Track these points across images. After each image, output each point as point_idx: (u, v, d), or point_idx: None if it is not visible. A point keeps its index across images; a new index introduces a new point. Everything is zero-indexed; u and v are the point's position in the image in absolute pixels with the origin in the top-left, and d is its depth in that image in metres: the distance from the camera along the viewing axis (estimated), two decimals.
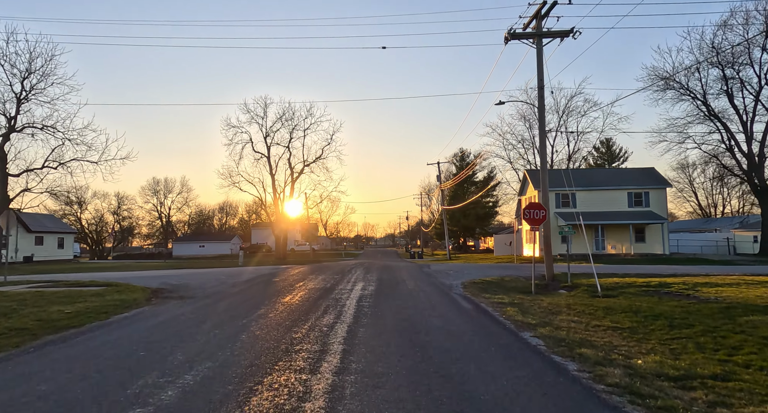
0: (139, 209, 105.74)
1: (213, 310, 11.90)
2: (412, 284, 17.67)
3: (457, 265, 31.80)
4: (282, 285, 17.37)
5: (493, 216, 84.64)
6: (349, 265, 31.17)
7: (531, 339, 8.34)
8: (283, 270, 26.47)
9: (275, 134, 56.32)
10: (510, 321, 10.28)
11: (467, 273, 23.04)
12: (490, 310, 11.90)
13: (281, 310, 11.50)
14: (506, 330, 9.31)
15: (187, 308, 12.37)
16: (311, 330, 8.88)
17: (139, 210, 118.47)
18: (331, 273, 22.71)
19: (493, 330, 9.24)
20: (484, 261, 40.81)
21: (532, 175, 43.30)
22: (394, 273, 22.62)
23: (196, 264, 37.67)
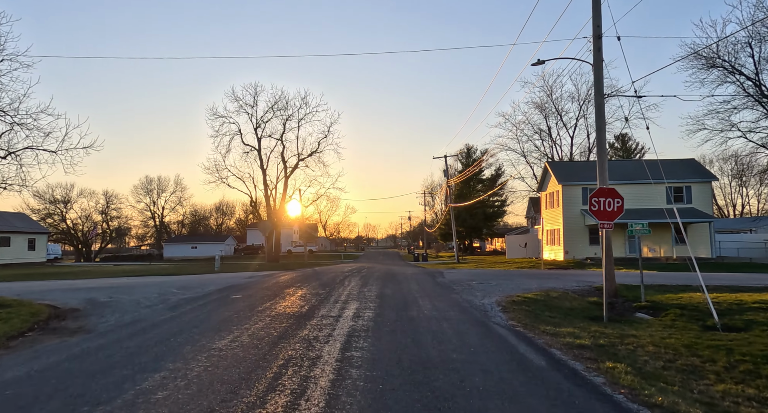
0: (131, 209, 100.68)
1: (88, 365, 6.53)
2: (427, 305, 12.24)
3: (472, 272, 26.37)
4: (240, 307, 11.95)
5: (500, 215, 79.25)
6: (345, 271, 25.77)
7: None
8: (262, 278, 21.11)
9: (266, 125, 50.96)
10: (644, 409, 4.91)
11: (494, 284, 17.61)
12: (577, 367, 6.53)
13: (200, 372, 6.11)
14: None
15: (58, 356, 7.10)
16: None
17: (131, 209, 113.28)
18: (319, 285, 17.29)
19: None
20: (501, 265, 35.34)
21: (555, 168, 37.82)
22: (400, 285, 17.20)
23: (169, 270, 32.30)
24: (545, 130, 47.49)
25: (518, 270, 27.25)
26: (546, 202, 39.36)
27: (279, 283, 18.01)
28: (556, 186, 36.76)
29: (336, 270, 27.92)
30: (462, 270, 27.59)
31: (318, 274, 22.98)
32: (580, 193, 35.68)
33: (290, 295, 14.04)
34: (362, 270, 27.29)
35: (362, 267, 32.28)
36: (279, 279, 19.82)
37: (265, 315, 10.53)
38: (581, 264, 32.17)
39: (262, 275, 22.81)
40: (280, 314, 10.71)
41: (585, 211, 35.13)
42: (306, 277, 20.97)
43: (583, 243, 35.45)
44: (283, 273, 24.28)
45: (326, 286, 16.57)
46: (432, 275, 22.06)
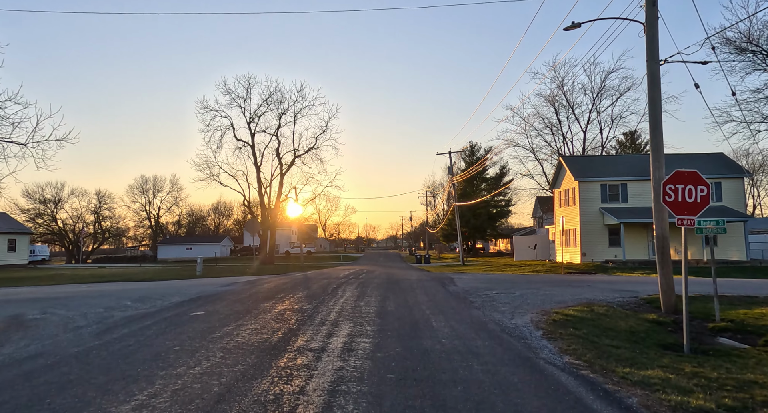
0: (126, 209, 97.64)
1: None
2: (444, 329, 9.12)
3: (485, 277, 23.28)
4: (191, 332, 8.84)
5: (505, 216, 76.17)
6: (342, 276, 22.66)
7: None
8: (243, 286, 18.03)
9: (260, 119, 47.96)
10: None
11: (518, 293, 14.49)
12: None
13: None
14: None
15: None
16: None
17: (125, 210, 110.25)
18: (306, 296, 14.19)
19: None
20: (512, 269, 32.22)
21: (570, 163, 34.70)
22: (405, 296, 14.08)
23: (148, 274, 29.22)
24: (556, 124, 44.40)
25: (536, 276, 24.13)
26: (560, 200, 36.27)
27: (259, 293, 14.90)
28: (571, 182, 33.67)
29: (332, 275, 24.82)
30: (473, 275, 24.49)
31: (309, 280, 19.89)
32: (599, 190, 32.58)
33: (265, 312, 10.93)
34: (360, 274, 24.21)
35: (361, 270, 29.18)
36: (262, 287, 16.72)
37: (219, 348, 7.42)
38: (603, 267, 29.05)
39: (246, 281, 19.71)
40: (240, 345, 7.60)
41: (604, 210, 32.04)
42: (295, 284, 17.87)
43: (602, 245, 32.33)
44: (271, 279, 21.19)
45: (315, 298, 13.46)
46: (441, 281, 18.97)
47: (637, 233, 31.70)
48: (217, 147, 50.10)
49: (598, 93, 42.70)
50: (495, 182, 74.72)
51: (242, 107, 46.20)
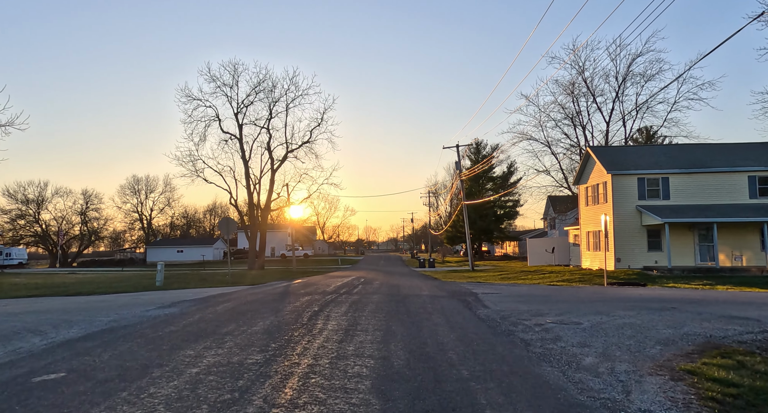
0: (117, 210, 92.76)
1: None
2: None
3: (512, 289, 18.33)
4: (78, 401, 3.83)
5: (512, 217, 71.24)
6: (331, 289, 17.67)
7: None
8: (192, 306, 13.09)
9: (249, 110, 43.11)
10: None
11: (588, 325, 9.49)
12: None
13: None
14: None
15: None
16: None
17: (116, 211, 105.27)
18: (268, 330, 9.15)
19: None
20: (534, 277, 27.24)
21: (601, 154, 29.70)
22: (419, 331, 9.05)
23: (107, 283, 24.31)
24: (576, 114, 39.43)
25: (577, 289, 19.14)
26: (587, 197, 31.30)
27: (200, 323, 9.90)
28: (602, 176, 28.72)
29: (321, 286, 19.86)
30: (495, 287, 19.50)
31: (288, 297, 14.91)
32: (635, 185, 27.61)
33: (168, 378, 5.92)
34: (356, 285, 19.24)
35: (358, 279, 24.22)
36: (213, 310, 11.71)
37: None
38: (648, 277, 24.05)
39: (203, 298, 14.70)
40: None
41: (642, 208, 27.09)
42: (264, 303, 12.87)
43: (640, 249, 27.34)
44: (240, 293, 16.22)
45: (278, 334, 8.46)
46: (461, 298, 13.99)
47: (680, 235, 26.74)
48: (200, 140, 45.21)
49: (623, 80, 37.84)
50: (502, 181, 69.80)
51: (228, 96, 41.37)
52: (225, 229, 22.39)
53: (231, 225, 22.53)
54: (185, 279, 24.99)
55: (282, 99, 42.77)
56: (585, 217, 31.70)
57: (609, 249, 28.14)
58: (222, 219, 22.76)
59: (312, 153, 43.83)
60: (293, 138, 44.56)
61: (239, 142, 42.06)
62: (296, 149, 43.69)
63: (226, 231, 22.35)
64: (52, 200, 72.11)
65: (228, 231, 22.40)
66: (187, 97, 40.11)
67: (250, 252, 43.38)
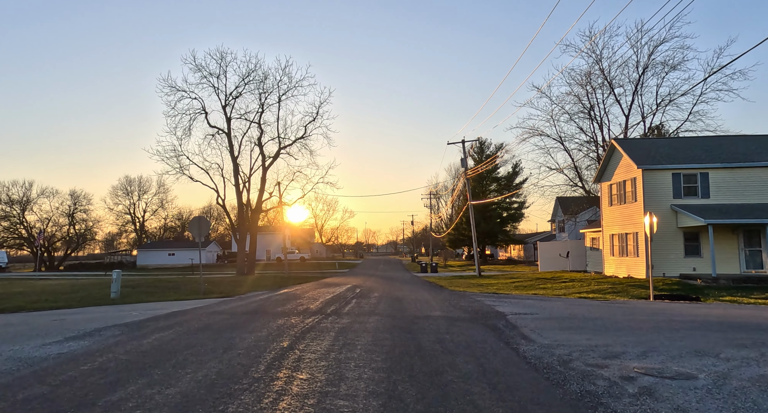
0: (108, 211, 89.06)
1: None
2: None
3: (547, 306, 14.64)
4: None
5: (517, 219, 67.60)
6: (316, 308, 13.95)
7: None
8: (135, 329, 9.44)
9: (238, 102, 39.59)
10: None
11: (716, 386, 5.81)
12: None
13: None
14: None
15: None
16: None
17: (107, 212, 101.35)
18: (208, 386, 5.53)
19: None
20: (558, 287, 23.57)
21: (628, 147, 26.03)
22: (442, 393, 5.40)
23: (61, 292, 20.59)
24: (593, 105, 35.77)
25: (621, 304, 15.41)
26: (611, 195, 27.65)
27: (74, 384, 6.19)
28: (630, 171, 25.09)
29: (307, 298, 16.17)
30: (519, 301, 15.79)
31: (256, 319, 11.21)
32: (669, 181, 23.97)
33: None
34: (349, 299, 15.57)
35: (353, 289, 20.54)
36: (133, 348, 7.92)
37: None
38: (690, 287, 20.39)
39: (142, 321, 10.92)
40: None
41: (678, 207, 23.45)
42: (214, 335, 9.07)
43: (675, 254, 23.67)
44: (197, 313, 12.50)
45: (200, 410, 4.83)
46: (488, 323, 10.26)
47: (722, 239, 23.09)
48: (184, 134, 41.48)
49: (644, 69, 34.26)
50: (507, 182, 66.25)
51: (215, 87, 37.74)
52: (196, 230, 18.72)
53: (203, 226, 18.86)
54: (153, 289, 21.31)
55: (274, 91, 39.26)
56: (608, 218, 28.03)
57: (639, 254, 24.49)
58: (193, 219, 19.07)
59: (306, 149, 40.27)
60: (286, 133, 40.94)
61: (227, 137, 38.48)
62: (289, 145, 40.14)
63: (198, 233, 18.68)
64: (38, 201, 68.38)
65: (200, 233, 18.72)
66: (170, 87, 36.55)
67: (239, 256, 39.69)
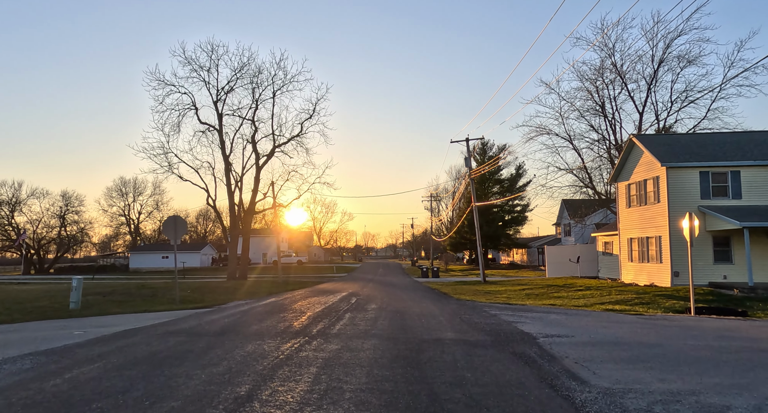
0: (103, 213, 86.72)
1: None
2: None
3: (572, 320, 12.30)
4: None
5: (520, 223, 65.22)
6: (303, 324, 11.63)
7: None
8: (56, 360, 7.14)
9: (230, 97, 37.34)
10: None
11: None
12: None
13: None
14: None
15: None
16: None
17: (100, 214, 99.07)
18: None
19: None
20: (575, 295, 21.24)
21: (650, 143, 23.74)
22: None
23: (5, 307, 18.22)
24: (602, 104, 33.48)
25: (668, 322, 13.02)
26: (629, 196, 25.37)
27: None
28: (652, 170, 22.82)
29: (292, 312, 13.84)
30: (541, 315, 13.43)
31: (222, 343, 8.90)
32: (697, 180, 21.69)
33: None
34: (342, 313, 13.23)
35: (348, 299, 18.20)
36: (23, 399, 5.69)
37: None
38: (726, 297, 18.05)
39: (73, 346, 8.53)
40: None
41: (707, 209, 21.16)
42: (154, 370, 6.75)
43: (703, 260, 21.35)
44: (156, 331, 10.19)
45: None
46: (517, 352, 7.87)
47: (758, 244, 20.82)
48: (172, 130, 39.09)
49: (659, 64, 32.04)
50: (510, 184, 63.93)
51: (206, 81, 35.47)
52: (171, 231, 16.40)
53: (180, 227, 16.54)
54: (126, 297, 18.96)
55: (268, 86, 36.96)
56: (626, 221, 25.74)
57: (663, 260, 22.19)
58: (167, 219, 16.72)
59: (302, 147, 37.96)
60: (281, 130, 38.69)
61: (219, 134, 36.19)
62: (285, 143, 37.87)
63: (173, 234, 16.38)
64: (28, 202, 66.00)
65: (176, 235, 16.42)
66: (158, 81, 34.26)
67: (230, 260, 37.35)
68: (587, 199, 40.18)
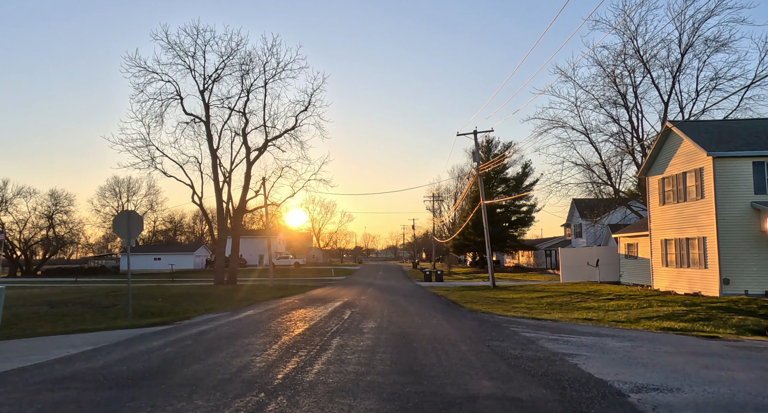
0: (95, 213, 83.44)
1: None
2: None
3: (640, 349, 9.03)
4: None
5: (527, 223, 61.89)
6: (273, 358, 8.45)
7: None
8: None
9: (217, 86, 34.19)
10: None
11: None
12: None
13: None
14: None
15: None
16: None
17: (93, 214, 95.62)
18: None
19: None
20: (608, 307, 17.94)
21: (691, 130, 20.45)
22: None
23: None
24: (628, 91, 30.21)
25: (749, 347, 9.81)
26: (663, 192, 22.11)
27: None
28: (693, 161, 19.58)
29: (270, 332, 10.58)
30: (607, 343, 10.13)
31: (139, 393, 5.73)
32: (750, 171, 18.41)
33: None
34: (330, 336, 9.93)
35: (341, 312, 14.92)
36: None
37: None
38: None
39: None
40: None
41: (761, 204, 17.91)
42: None
43: (759, 265, 18.06)
44: (42, 374, 6.99)
45: None
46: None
47: None
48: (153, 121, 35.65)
49: (687, 48, 28.82)
50: (516, 184, 60.66)
51: (191, 68, 32.20)
52: (124, 229, 13.13)
53: (135, 224, 13.30)
54: (74, 309, 15.70)
55: (259, 75, 33.74)
56: (659, 220, 22.48)
57: (709, 265, 18.90)
58: (119, 214, 13.40)
59: (296, 141, 34.72)
60: (273, 122, 35.49)
61: (206, 126, 32.96)
62: (278, 137, 34.64)
63: (126, 233, 13.15)
64: (14, 201, 62.75)
65: (129, 233, 13.20)
66: (138, 67, 31.01)
67: (217, 263, 34.06)
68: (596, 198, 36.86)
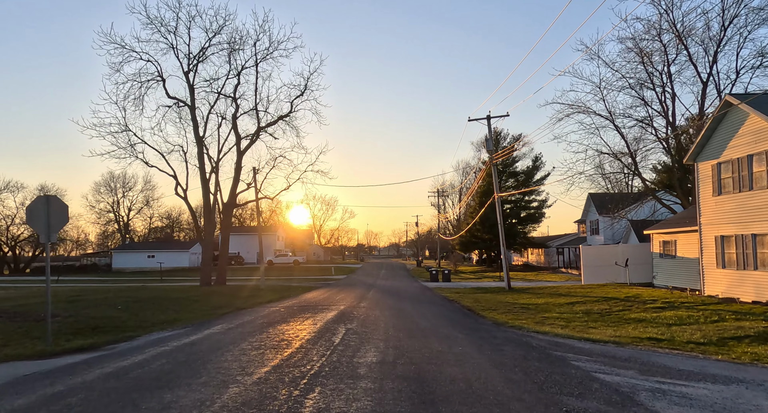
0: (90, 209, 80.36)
1: None
2: None
3: None
4: None
5: (538, 220, 58.33)
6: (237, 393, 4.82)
7: None
8: None
9: (203, 66, 31.15)
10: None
11: None
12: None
13: None
14: None
15: None
16: None
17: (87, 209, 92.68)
18: None
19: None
20: (669, 319, 14.41)
21: (757, 104, 16.98)
22: None
23: None
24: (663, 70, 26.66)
25: None
26: (718, 180, 18.55)
27: None
28: (761, 141, 16.08)
29: (223, 371, 7.19)
30: (727, 402, 6.77)
31: None
32: None
33: None
34: (307, 375, 6.56)
35: (335, 326, 11.44)
36: None
37: None
38: None
39: None
40: None
41: None
42: None
43: None
44: None
45: None
46: None
47: None
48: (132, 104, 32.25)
49: (730, 20, 25.27)
50: (525, 178, 57.16)
51: (174, 46, 28.76)
52: (41, 221, 9.75)
53: (55, 213, 9.92)
54: (11, 321, 12.35)
55: (251, 57, 30.30)
56: (712, 213, 18.96)
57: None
58: (35, 201, 9.97)
59: (291, 127, 31.31)
60: (266, 106, 32.06)
61: (191, 111, 29.54)
62: (272, 124, 31.25)
63: (44, 226, 9.76)
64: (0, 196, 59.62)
65: (48, 225, 9.83)
66: (113, 44, 27.60)
67: (203, 262, 30.70)
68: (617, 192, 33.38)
